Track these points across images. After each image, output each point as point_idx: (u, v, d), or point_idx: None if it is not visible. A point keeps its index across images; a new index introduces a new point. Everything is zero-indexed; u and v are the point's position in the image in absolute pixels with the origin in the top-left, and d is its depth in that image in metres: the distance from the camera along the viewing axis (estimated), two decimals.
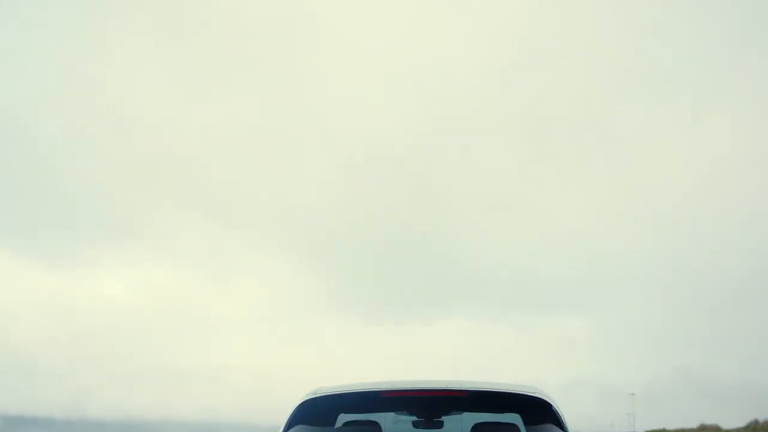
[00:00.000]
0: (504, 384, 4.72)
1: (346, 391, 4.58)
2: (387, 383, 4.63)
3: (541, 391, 4.66)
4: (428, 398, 4.66)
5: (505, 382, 4.83)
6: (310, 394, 4.59)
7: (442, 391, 4.52)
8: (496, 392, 4.52)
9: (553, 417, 4.39)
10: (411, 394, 4.55)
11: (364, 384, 4.70)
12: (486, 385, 4.62)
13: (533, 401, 4.48)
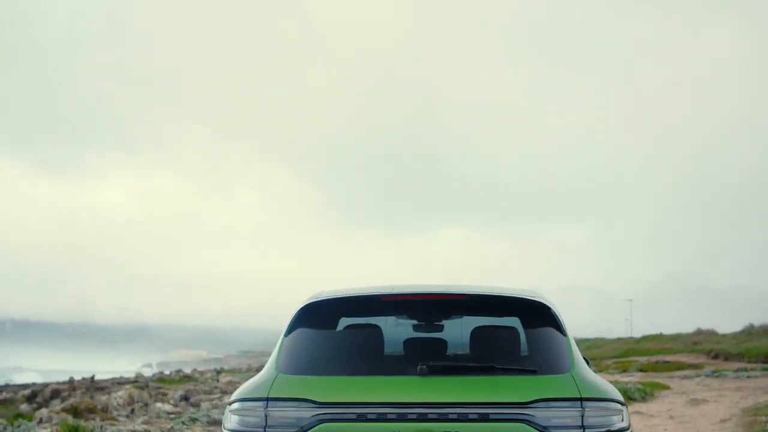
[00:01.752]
0: (503, 288, 4.77)
1: (348, 295, 4.64)
2: (388, 287, 4.68)
3: (541, 294, 4.72)
4: (429, 302, 4.72)
5: (504, 286, 4.89)
6: (311, 299, 4.64)
7: (443, 294, 4.58)
8: (495, 296, 4.58)
9: (552, 320, 4.45)
10: (411, 297, 4.61)
11: (365, 288, 4.76)
12: (486, 289, 4.68)
13: (532, 305, 4.54)
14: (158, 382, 45.01)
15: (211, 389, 31.12)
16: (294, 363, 4.23)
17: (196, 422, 15.59)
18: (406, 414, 3.85)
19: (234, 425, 4.07)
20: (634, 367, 41.10)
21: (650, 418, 17.03)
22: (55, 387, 41.41)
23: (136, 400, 24.54)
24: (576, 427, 3.88)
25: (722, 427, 14.83)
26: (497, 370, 4.09)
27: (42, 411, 20.42)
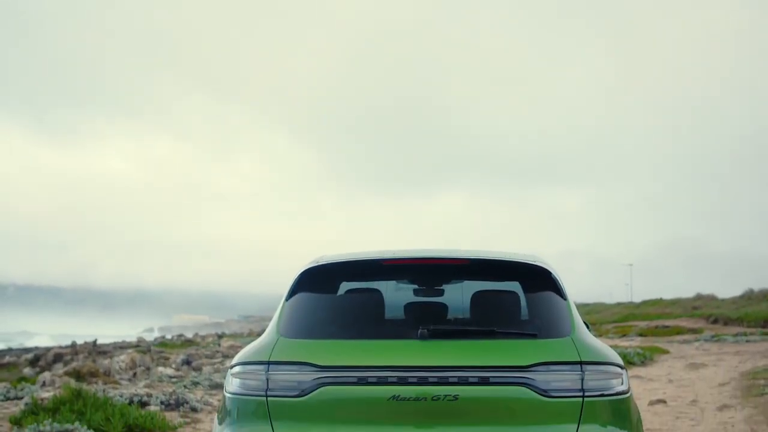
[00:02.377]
0: (504, 253, 4.77)
1: (349, 260, 4.64)
2: (389, 252, 4.68)
3: (541, 259, 4.72)
4: (429, 267, 4.72)
5: (505, 251, 4.89)
6: (312, 263, 4.65)
7: (443, 259, 4.58)
8: (496, 260, 4.58)
9: (553, 285, 4.45)
10: (412, 262, 4.61)
11: (366, 253, 4.76)
12: (486, 253, 4.68)
13: (533, 269, 4.54)
14: (160, 347, 45.29)
15: (212, 353, 31.30)
16: (295, 327, 4.24)
17: (198, 386, 15.70)
18: (407, 377, 3.87)
19: (235, 388, 4.10)
20: (633, 331, 41.31)
21: (649, 382, 17.14)
22: (57, 351, 41.68)
23: (138, 364, 24.70)
24: (576, 390, 3.90)
25: (721, 390, 14.92)
26: (497, 334, 4.10)
27: (45, 374, 20.56)
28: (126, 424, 9.86)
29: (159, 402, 11.94)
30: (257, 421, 3.96)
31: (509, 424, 3.85)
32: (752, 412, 11.72)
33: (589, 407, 3.89)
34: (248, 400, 4.02)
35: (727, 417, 11.42)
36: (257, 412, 3.98)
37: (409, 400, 3.84)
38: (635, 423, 4.05)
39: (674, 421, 11.24)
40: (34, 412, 10.18)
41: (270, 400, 3.96)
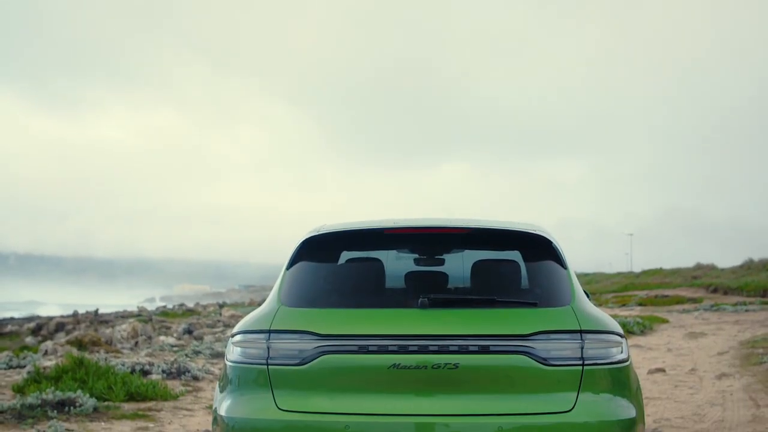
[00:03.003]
0: (504, 222, 4.77)
1: (349, 229, 4.63)
2: (390, 221, 4.68)
3: (541, 228, 4.72)
4: (430, 236, 4.72)
5: (505, 220, 4.89)
6: (313, 232, 4.64)
7: (444, 228, 4.58)
8: (496, 230, 4.57)
9: (553, 254, 4.45)
10: (413, 231, 4.60)
11: (367, 222, 4.75)
12: (487, 223, 4.67)
13: (533, 238, 4.54)
14: (161, 316, 45.47)
15: (213, 323, 31.44)
16: (296, 296, 4.25)
17: (200, 355, 15.78)
18: (407, 346, 3.89)
19: (236, 357, 4.11)
20: (633, 301, 41.43)
21: (649, 351, 17.21)
22: (59, 320, 41.86)
23: (140, 333, 24.81)
24: (576, 358, 3.91)
25: (720, 359, 15.00)
26: (498, 303, 4.10)
27: (47, 343, 20.66)
28: (128, 393, 9.92)
29: (161, 371, 12.01)
30: (258, 389, 3.98)
31: (509, 392, 3.87)
32: (751, 380, 11.79)
33: (589, 375, 3.91)
34: (249, 368, 4.04)
35: (726, 385, 11.48)
36: (258, 380, 4.00)
37: (409, 368, 3.86)
38: (635, 391, 4.07)
39: (673, 390, 11.31)
40: (36, 381, 10.24)
41: (271, 368, 3.98)
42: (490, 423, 3.78)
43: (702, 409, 9.58)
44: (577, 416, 3.81)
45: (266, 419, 3.89)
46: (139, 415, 9.00)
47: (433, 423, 3.79)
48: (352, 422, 3.80)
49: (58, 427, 7.89)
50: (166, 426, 8.57)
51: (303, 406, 3.89)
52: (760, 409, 9.29)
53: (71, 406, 8.81)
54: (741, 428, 8.23)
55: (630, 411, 3.93)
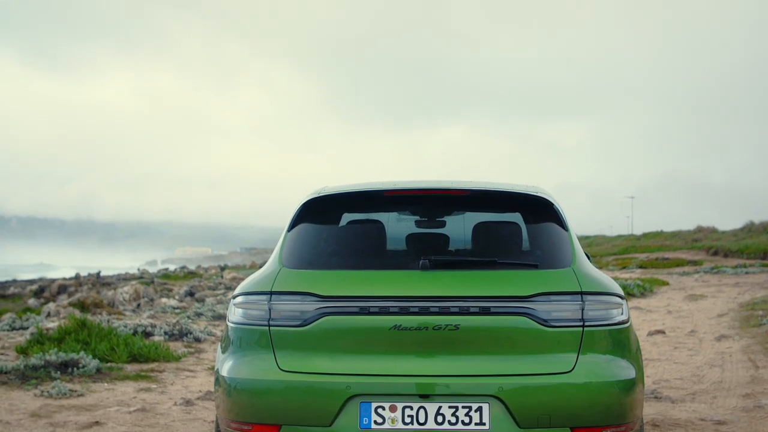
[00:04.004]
0: (506, 184, 4.75)
1: (350, 191, 4.62)
2: (391, 183, 4.66)
3: (543, 190, 4.70)
4: (431, 198, 4.71)
5: (507, 182, 4.87)
6: (314, 194, 4.63)
7: (445, 190, 4.56)
8: (497, 191, 4.56)
9: (554, 215, 4.44)
10: (414, 193, 4.59)
11: (368, 184, 4.74)
12: (488, 185, 4.66)
13: (534, 200, 4.53)
14: (163, 278, 45.63)
15: (215, 285, 31.55)
16: (297, 257, 4.25)
17: (201, 317, 15.86)
18: (408, 307, 3.90)
19: (238, 318, 4.13)
20: (633, 263, 41.52)
21: (649, 313, 17.29)
22: (61, 282, 41.99)
23: (142, 295, 24.90)
24: (576, 320, 3.92)
25: (719, 321, 15.06)
26: (498, 265, 4.11)
27: (49, 305, 20.75)
28: (130, 354, 9.99)
29: (163, 332, 12.08)
30: (260, 350, 4.00)
31: (510, 353, 3.89)
32: (749, 342, 11.85)
33: (589, 337, 3.92)
34: (251, 329, 4.05)
35: (725, 347, 11.55)
36: (260, 341, 4.01)
37: (410, 329, 3.87)
38: (634, 352, 4.09)
39: (672, 351, 11.37)
40: (39, 342, 10.30)
41: (272, 329, 4.00)
42: (490, 383, 3.80)
43: (701, 371, 9.64)
44: (577, 377, 3.83)
45: (268, 380, 3.91)
46: (142, 376, 9.07)
47: (434, 383, 3.81)
48: (353, 383, 3.82)
49: (62, 387, 7.95)
50: (169, 387, 8.64)
51: (304, 367, 3.91)
52: (759, 371, 9.34)
53: (74, 367, 8.88)
54: (739, 389, 8.29)
55: (630, 372, 3.95)
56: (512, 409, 3.76)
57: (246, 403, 3.92)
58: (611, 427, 3.83)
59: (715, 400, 7.78)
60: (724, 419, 6.80)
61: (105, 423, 6.77)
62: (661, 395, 7.97)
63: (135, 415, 7.09)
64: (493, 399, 3.77)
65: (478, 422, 3.76)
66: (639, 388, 4.00)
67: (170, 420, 6.96)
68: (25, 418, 6.93)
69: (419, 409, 3.79)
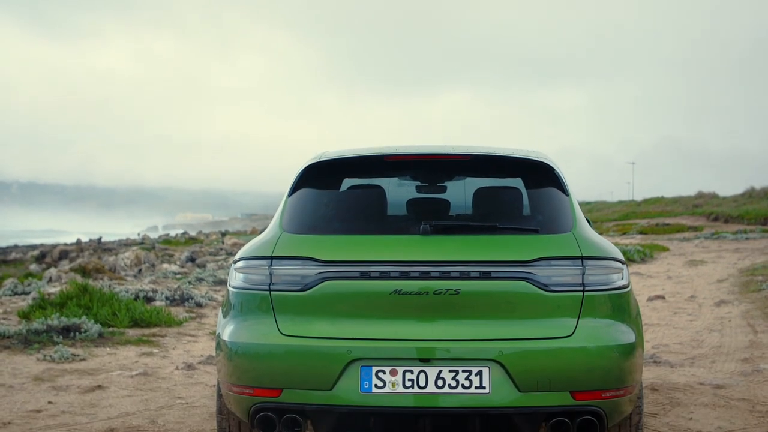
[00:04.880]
0: (507, 149, 4.74)
1: (351, 156, 4.61)
2: (392, 148, 4.65)
3: (544, 155, 4.69)
4: (432, 163, 4.69)
5: (508, 147, 4.85)
6: (314, 159, 4.62)
7: (446, 155, 4.55)
8: (498, 156, 4.55)
9: (555, 180, 4.43)
10: (415, 158, 4.58)
11: (368, 149, 4.72)
12: (489, 150, 4.64)
13: (535, 165, 4.51)
14: (164, 244, 45.71)
15: (216, 251, 31.61)
16: (298, 222, 4.25)
17: (202, 282, 15.91)
18: (409, 272, 3.90)
19: (239, 283, 4.13)
20: (634, 229, 41.56)
21: (649, 278, 17.34)
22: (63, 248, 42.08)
23: (143, 261, 24.97)
24: (576, 284, 3.93)
25: (719, 287, 15.11)
26: (499, 230, 4.10)
27: (51, 270, 20.81)
28: (132, 319, 10.03)
29: (164, 298, 12.13)
30: (261, 315, 4.01)
31: (510, 317, 3.90)
32: (749, 307, 11.89)
33: (589, 301, 3.93)
34: (252, 294, 4.06)
35: (724, 312, 11.59)
36: (261, 306, 4.02)
37: (411, 294, 3.88)
38: (634, 317, 4.10)
39: (672, 316, 11.42)
40: (41, 307, 10.34)
41: (273, 294, 4.00)
42: (490, 348, 3.81)
43: (700, 335, 9.68)
44: (577, 341, 3.84)
45: (269, 344, 3.92)
46: (144, 340, 9.12)
47: (434, 348, 3.83)
48: (354, 347, 3.83)
49: (64, 351, 8.00)
50: (170, 351, 8.69)
51: (305, 332, 3.92)
52: (758, 335, 9.39)
53: (76, 332, 8.92)
54: (738, 353, 8.34)
55: (629, 336, 3.96)
56: (512, 373, 3.77)
57: (247, 367, 3.94)
58: (610, 391, 3.85)
59: (714, 365, 7.83)
60: (722, 383, 6.84)
61: (107, 387, 6.82)
62: (660, 360, 8.01)
63: (137, 379, 7.13)
64: (493, 363, 3.79)
65: (478, 386, 3.78)
66: (638, 353, 4.02)
67: (172, 384, 7.01)
68: (28, 382, 6.98)
69: (420, 373, 3.81)
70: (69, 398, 6.45)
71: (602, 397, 3.84)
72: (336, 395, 3.82)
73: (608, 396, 3.85)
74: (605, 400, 3.84)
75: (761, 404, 6.15)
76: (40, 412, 5.99)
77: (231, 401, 4.08)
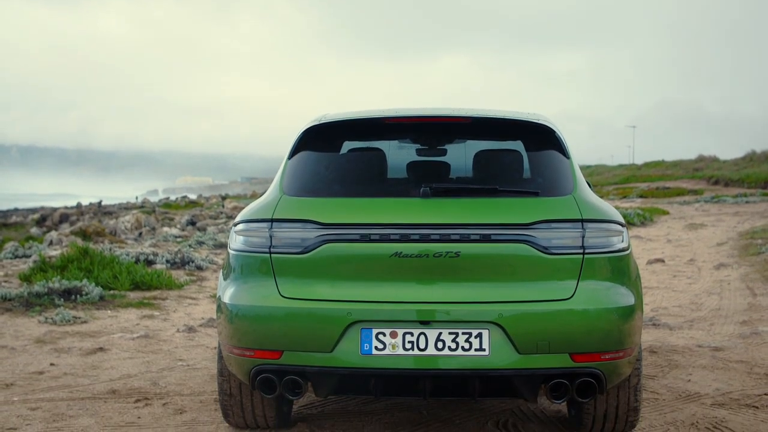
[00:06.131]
0: (508, 111, 4.71)
1: (351, 118, 4.58)
2: (392, 110, 4.62)
3: (545, 117, 4.66)
4: (432, 125, 4.67)
5: (508, 110, 4.82)
6: (314, 121, 4.59)
7: (447, 118, 4.52)
8: (499, 119, 4.52)
9: (556, 143, 4.41)
10: (415, 120, 4.55)
11: (369, 111, 4.69)
12: (490, 112, 4.62)
13: (536, 128, 4.49)
14: (164, 208, 45.72)
15: (216, 214, 31.63)
16: (298, 185, 4.23)
17: (203, 245, 15.94)
18: (409, 235, 3.89)
19: (239, 246, 4.13)
20: (634, 193, 41.54)
21: (649, 242, 17.36)
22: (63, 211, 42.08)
23: (144, 224, 24.99)
24: (576, 247, 3.93)
25: (718, 250, 15.14)
26: (499, 192, 4.09)
27: (51, 234, 20.84)
28: (133, 282, 10.06)
29: (165, 261, 12.16)
30: (261, 277, 4.01)
31: (510, 280, 3.90)
32: (748, 270, 11.92)
33: (589, 264, 3.93)
34: (252, 256, 4.06)
35: (724, 275, 11.62)
36: (261, 268, 4.02)
37: (411, 256, 3.88)
38: (634, 279, 4.11)
39: (671, 279, 11.45)
40: (42, 270, 10.37)
41: (274, 256, 4.00)
42: (490, 310, 3.82)
43: (699, 298, 9.72)
44: (577, 304, 3.85)
45: (269, 306, 3.93)
46: (145, 303, 9.15)
47: (434, 310, 3.83)
48: (354, 309, 3.84)
49: (66, 314, 8.03)
50: (171, 314, 8.73)
51: (305, 294, 3.93)
52: (756, 298, 9.42)
53: (77, 295, 8.95)
54: (737, 316, 8.37)
55: (629, 299, 3.97)
56: (512, 335, 3.78)
57: (248, 330, 3.95)
58: (610, 353, 3.87)
59: (713, 327, 7.87)
60: (721, 346, 6.88)
61: (109, 349, 6.86)
62: (659, 322, 8.05)
63: (138, 342, 7.17)
64: (492, 325, 3.80)
65: (477, 348, 3.80)
66: (638, 315, 4.03)
67: (173, 346, 7.05)
68: (30, 344, 7.02)
69: (419, 336, 3.82)
70: (71, 360, 6.49)
71: (601, 359, 3.85)
72: (336, 357, 3.84)
73: (607, 358, 3.87)
74: (604, 362, 3.86)
75: (759, 366, 6.19)
76: (42, 374, 6.03)
77: (232, 363, 4.10)
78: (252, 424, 4.59)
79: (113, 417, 4.95)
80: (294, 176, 4.30)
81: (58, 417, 4.93)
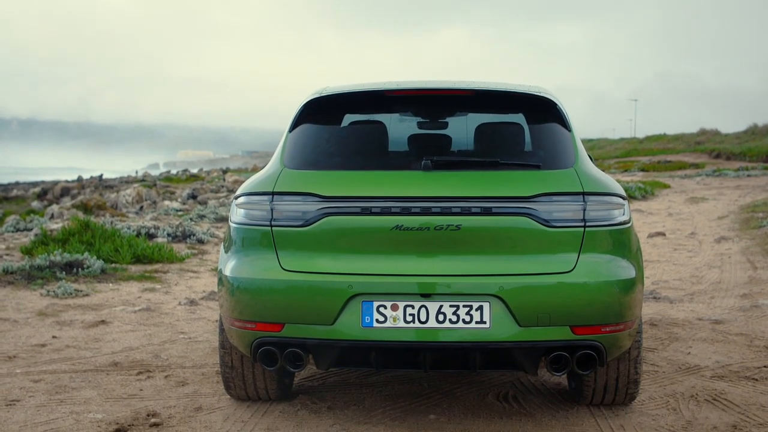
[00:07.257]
0: (509, 84, 4.69)
1: (352, 91, 4.56)
2: (393, 83, 4.60)
3: (546, 90, 4.64)
4: (434, 98, 4.65)
5: (510, 82, 4.80)
6: (315, 94, 4.57)
7: (448, 90, 4.50)
8: (500, 91, 4.50)
9: (557, 116, 4.39)
10: (416, 93, 4.53)
11: (369, 84, 4.67)
12: (491, 85, 4.59)
13: (538, 101, 4.47)
14: (165, 181, 45.69)
15: (217, 188, 31.59)
16: (299, 158, 4.23)
17: (204, 219, 15.94)
18: (410, 207, 3.89)
19: (240, 219, 4.13)
20: (635, 166, 41.48)
21: (650, 215, 17.36)
22: (64, 185, 42.06)
23: (145, 198, 24.98)
24: (578, 220, 3.92)
25: (719, 223, 15.13)
26: (501, 165, 4.08)
27: (53, 207, 20.85)
28: (134, 255, 10.08)
29: (166, 234, 12.16)
30: (262, 250, 4.02)
31: (511, 253, 3.90)
32: (749, 243, 11.93)
33: (590, 237, 3.93)
34: (253, 229, 4.06)
35: (724, 248, 11.63)
36: (262, 241, 4.02)
37: (412, 229, 3.88)
38: (635, 252, 4.11)
39: (672, 253, 11.46)
40: (44, 243, 10.39)
41: (275, 229, 4.00)
42: (491, 283, 3.83)
43: (700, 272, 9.73)
44: (578, 276, 3.86)
45: (270, 279, 3.94)
46: (146, 276, 9.17)
47: (435, 283, 3.84)
48: (355, 282, 3.85)
49: (67, 287, 8.05)
50: (173, 287, 8.75)
51: (306, 267, 3.93)
52: (757, 271, 9.43)
53: (79, 268, 8.97)
54: (738, 289, 8.39)
55: (630, 272, 3.98)
56: (513, 308, 3.79)
57: (249, 302, 3.96)
58: (610, 326, 3.88)
59: (713, 300, 7.88)
60: (721, 319, 6.90)
61: (111, 322, 6.88)
62: (660, 295, 8.07)
63: (140, 315, 7.19)
64: (493, 298, 3.81)
65: (478, 321, 3.81)
66: (638, 288, 4.04)
67: (174, 319, 7.07)
68: (32, 316, 7.04)
69: (420, 308, 3.83)
70: (73, 333, 6.51)
71: (602, 332, 3.86)
72: (337, 330, 3.85)
73: (608, 331, 3.88)
74: (605, 335, 3.87)
75: (759, 339, 6.20)
76: (44, 347, 6.06)
77: (233, 336, 4.12)
78: (253, 396, 4.62)
79: (115, 389, 4.98)
80: (295, 149, 4.29)
81: (60, 389, 4.96)
